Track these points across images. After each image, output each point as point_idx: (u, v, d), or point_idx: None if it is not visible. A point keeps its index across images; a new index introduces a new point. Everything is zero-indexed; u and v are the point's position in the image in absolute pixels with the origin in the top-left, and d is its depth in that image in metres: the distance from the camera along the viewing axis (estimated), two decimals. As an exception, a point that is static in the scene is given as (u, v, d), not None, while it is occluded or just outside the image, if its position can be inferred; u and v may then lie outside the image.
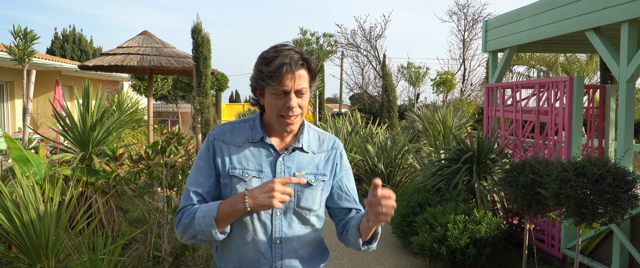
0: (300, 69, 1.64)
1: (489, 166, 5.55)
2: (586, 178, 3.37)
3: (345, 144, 9.18)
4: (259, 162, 1.72)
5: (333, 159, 1.85)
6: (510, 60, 6.42)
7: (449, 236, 4.75)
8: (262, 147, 1.74)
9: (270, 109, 1.68)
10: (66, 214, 3.60)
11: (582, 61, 15.06)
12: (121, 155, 4.37)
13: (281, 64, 1.60)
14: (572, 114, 4.84)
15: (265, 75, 1.62)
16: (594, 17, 4.54)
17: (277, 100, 1.64)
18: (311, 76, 1.71)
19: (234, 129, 1.77)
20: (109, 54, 7.55)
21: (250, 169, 1.71)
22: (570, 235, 4.87)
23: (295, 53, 1.65)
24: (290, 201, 1.73)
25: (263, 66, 1.63)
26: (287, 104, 1.64)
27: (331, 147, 1.86)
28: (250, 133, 1.76)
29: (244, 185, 1.69)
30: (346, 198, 1.88)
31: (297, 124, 1.71)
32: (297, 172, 1.75)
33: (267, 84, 1.62)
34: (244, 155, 1.73)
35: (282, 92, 1.63)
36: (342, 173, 1.88)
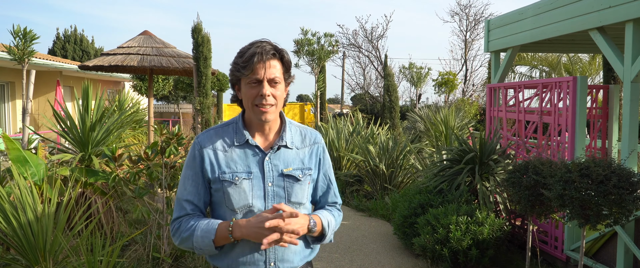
0: (272, 59, 1.74)
1: (492, 167, 5.50)
2: (590, 180, 3.32)
3: (347, 145, 9.14)
4: (247, 163, 1.78)
5: (317, 153, 1.93)
6: (512, 60, 6.37)
7: (451, 237, 4.70)
8: (247, 148, 1.80)
9: (246, 100, 1.76)
10: (64, 215, 3.57)
11: (585, 61, 14.99)
12: (120, 155, 4.33)
13: (253, 54, 1.70)
14: (575, 115, 4.79)
15: (239, 66, 1.73)
16: (597, 17, 4.49)
17: (251, 89, 1.73)
18: (285, 68, 1.79)
19: (218, 134, 1.83)
20: (109, 54, 7.52)
21: (239, 172, 1.77)
22: (574, 237, 4.82)
23: (268, 44, 1.75)
24: (281, 198, 1.80)
25: (238, 58, 1.75)
26: (260, 92, 1.72)
27: (314, 142, 1.94)
28: (235, 136, 1.82)
29: (235, 188, 1.75)
30: (327, 192, 1.99)
31: (272, 114, 1.77)
32: (284, 169, 1.81)
33: (242, 74, 1.73)
34: (231, 159, 1.78)
35: (255, 81, 1.72)
36: (325, 167, 1.97)
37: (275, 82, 1.75)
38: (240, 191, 1.76)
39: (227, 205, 1.77)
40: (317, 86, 13.73)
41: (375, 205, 7.36)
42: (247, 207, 1.77)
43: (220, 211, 1.81)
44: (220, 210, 1.81)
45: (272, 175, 1.80)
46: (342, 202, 2.05)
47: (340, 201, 2.06)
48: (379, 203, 7.37)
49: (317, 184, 1.97)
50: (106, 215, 5.21)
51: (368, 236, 6.19)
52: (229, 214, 1.78)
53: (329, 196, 2.00)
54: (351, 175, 8.62)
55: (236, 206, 1.76)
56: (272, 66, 1.73)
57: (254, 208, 1.77)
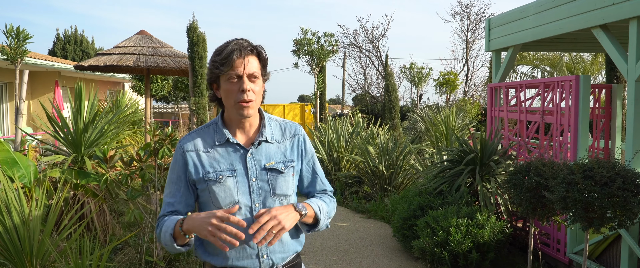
0: (250, 55, 1.78)
1: (493, 168, 5.39)
2: (594, 181, 3.22)
3: (346, 146, 9.03)
4: (230, 161, 1.83)
5: (298, 145, 1.96)
6: (514, 59, 6.26)
7: (451, 240, 4.60)
8: (229, 147, 1.84)
9: (227, 97, 1.79)
10: (52, 218, 3.47)
11: (587, 61, 14.86)
12: (112, 157, 4.24)
13: (232, 51, 1.74)
14: (578, 114, 4.69)
15: (218, 63, 1.76)
16: (601, 14, 4.38)
17: (231, 85, 1.76)
18: (262, 64, 1.84)
19: (199, 136, 1.87)
20: (105, 54, 7.42)
21: (222, 170, 1.81)
22: (577, 239, 4.71)
23: (244, 41, 1.80)
24: (266, 192, 1.84)
25: (216, 56, 1.78)
26: (241, 87, 1.75)
27: (294, 134, 1.96)
28: (216, 136, 1.86)
29: (220, 186, 1.79)
30: (313, 182, 2.03)
31: (253, 109, 1.81)
32: (267, 163, 1.85)
33: (221, 71, 1.76)
34: (214, 159, 1.83)
35: (235, 77, 1.76)
36: (308, 157, 2.00)
37: (254, 77, 1.79)
38: (226, 188, 1.80)
39: (214, 203, 1.81)
40: (316, 86, 13.61)
41: (375, 207, 7.26)
42: (233, 203, 1.80)
43: (207, 210, 1.83)
44: (207, 208, 1.84)
45: (255, 170, 1.84)
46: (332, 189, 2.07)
47: (330, 188, 2.08)
48: (379, 205, 7.26)
49: (302, 175, 2.00)
50: (99, 217, 5.12)
51: (367, 238, 6.08)
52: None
53: (317, 185, 2.04)
54: (350, 176, 8.51)
55: (222, 203, 1.80)
56: (250, 62, 1.77)
57: (240, 204, 1.80)
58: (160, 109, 29.03)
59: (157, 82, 16.23)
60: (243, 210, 1.81)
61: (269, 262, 1.86)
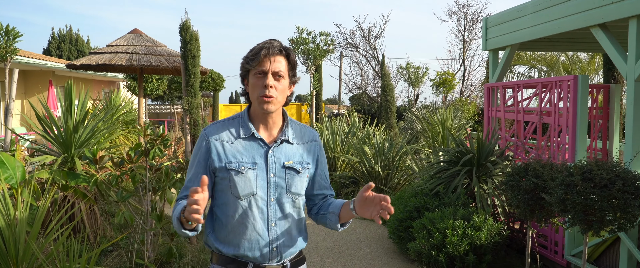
0: (278, 55, 1.89)
1: (490, 169, 5.32)
2: (594, 183, 3.15)
3: (342, 146, 8.96)
4: (252, 154, 1.91)
5: (314, 150, 2.07)
6: (511, 59, 6.19)
7: (447, 242, 4.52)
8: (252, 141, 1.94)
9: (253, 91, 1.90)
10: (39, 220, 3.38)
11: (584, 61, 14.82)
12: (101, 157, 4.14)
13: (260, 48, 1.87)
14: (576, 115, 4.62)
15: (248, 59, 1.89)
16: (600, 13, 4.32)
17: (257, 80, 1.88)
18: (290, 65, 1.95)
19: (225, 126, 1.96)
20: (97, 53, 7.31)
21: (245, 162, 1.90)
22: (575, 242, 4.64)
23: (276, 42, 1.92)
24: (282, 188, 1.94)
25: (248, 53, 1.92)
26: (264, 82, 1.86)
27: (312, 139, 2.08)
28: (241, 129, 1.95)
29: (241, 176, 1.88)
30: (324, 185, 2.13)
31: (274, 106, 1.89)
32: (286, 161, 1.95)
33: (250, 66, 1.88)
34: (237, 150, 1.91)
35: (260, 72, 1.87)
36: (322, 163, 2.12)
37: (279, 76, 1.89)
38: (246, 180, 1.88)
39: (233, 192, 1.89)
40: (312, 86, 13.53)
41: (371, 208, 7.18)
42: (251, 194, 1.90)
43: (224, 198, 1.92)
44: (224, 197, 1.92)
45: (274, 167, 1.93)
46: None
47: (334, 193, 2.21)
48: (374, 206, 7.18)
49: (315, 179, 2.10)
50: (90, 219, 5.02)
51: (362, 240, 6.01)
52: (232, 201, 1.90)
53: (327, 189, 2.15)
54: (346, 177, 8.43)
55: (241, 193, 1.88)
56: (277, 61, 1.88)
57: (257, 196, 1.90)
58: (156, 109, 28.88)
59: (152, 81, 16.10)
60: (260, 202, 1.91)
61: (278, 254, 1.96)
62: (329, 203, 2.09)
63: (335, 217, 2.02)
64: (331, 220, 2.04)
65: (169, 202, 4.24)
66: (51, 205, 4.47)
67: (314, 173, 2.09)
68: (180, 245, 4.87)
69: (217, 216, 1.97)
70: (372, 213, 1.79)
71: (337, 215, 2.01)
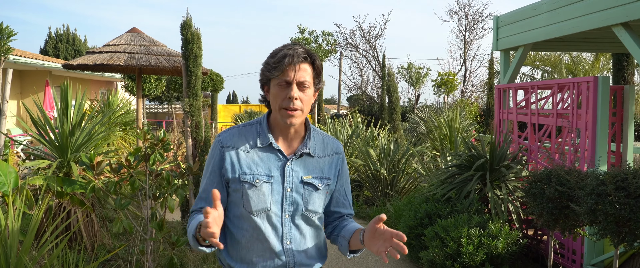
0: (303, 63, 1.72)
1: (503, 173, 5.11)
2: (628, 193, 2.94)
3: (346, 148, 8.74)
4: (268, 166, 1.76)
5: (336, 164, 1.89)
6: (524, 59, 5.99)
7: (462, 252, 4.31)
8: (270, 152, 1.78)
9: (274, 101, 1.73)
10: (32, 231, 3.15)
11: (588, 61, 14.65)
12: (99, 163, 3.92)
13: (285, 55, 1.69)
14: (596, 117, 4.42)
15: (270, 66, 1.72)
16: (623, 11, 4.11)
17: (280, 91, 1.71)
18: (315, 72, 1.77)
19: (241, 134, 1.80)
20: (95, 53, 7.08)
21: (260, 174, 1.74)
22: (595, 251, 4.43)
23: (300, 48, 1.73)
24: (298, 205, 1.78)
25: (269, 58, 1.74)
26: (288, 94, 1.69)
27: (335, 152, 1.90)
28: (258, 138, 1.79)
29: (255, 190, 1.73)
30: (343, 203, 1.96)
31: (298, 118, 1.73)
32: (304, 176, 1.79)
33: (272, 74, 1.71)
34: (252, 161, 1.76)
35: (284, 83, 1.70)
36: (343, 179, 1.94)
37: (304, 86, 1.73)
38: (260, 194, 1.74)
39: (245, 206, 1.75)
40: (314, 87, 13.29)
41: (377, 212, 6.96)
42: (265, 210, 1.75)
43: (237, 211, 1.78)
44: (236, 210, 1.79)
45: (291, 181, 1.78)
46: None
47: (353, 212, 2.03)
48: (381, 211, 6.97)
49: (334, 195, 1.94)
50: (87, 227, 4.80)
51: (370, 247, 5.79)
52: (245, 215, 1.76)
53: (345, 208, 1.97)
54: (350, 181, 8.21)
55: (254, 208, 1.74)
56: (302, 69, 1.72)
57: (271, 212, 1.75)
58: (154, 109, 28.63)
59: (150, 81, 15.86)
60: (273, 219, 1.77)
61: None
62: (344, 225, 1.93)
63: (345, 242, 1.86)
64: (342, 245, 1.90)
65: (170, 209, 4.02)
66: (46, 214, 4.25)
67: (334, 189, 1.92)
68: (181, 255, 4.65)
69: (230, 230, 1.83)
70: (379, 249, 1.60)
71: (347, 240, 1.85)
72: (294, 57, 1.69)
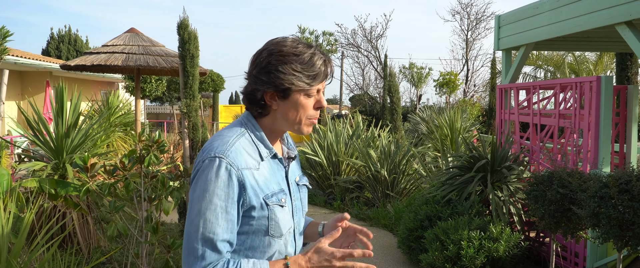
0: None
1: (505, 175, 5.04)
2: (631, 196, 2.86)
3: (346, 149, 8.67)
4: (277, 180, 1.53)
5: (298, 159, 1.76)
6: (526, 58, 5.91)
7: (463, 255, 4.24)
8: (273, 163, 1.55)
9: (298, 112, 1.50)
10: (22, 235, 3.09)
11: (592, 61, 14.55)
12: (93, 165, 3.86)
13: (323, 62, 1.50)
14: (599, 118, 4.34)
15: (310, 76, 1.47)
16: (627, 10, 4.03)
17: (308, 100, 1.50)
18: None
19: (244, 149, 1.48)
20: (92, 53, 7.03)
21: (278, 192, 1.50)
22: (598, 254, 4.35)
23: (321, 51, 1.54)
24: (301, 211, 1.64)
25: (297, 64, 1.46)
26: (320, 103, 1.53)
27: (295, 148, 1.74)
28: (260, 149, 1.52)
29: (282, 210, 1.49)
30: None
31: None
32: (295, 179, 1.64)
33: (307, 85, 1.47)
34: (265, 178, 1.49)
35: (316, 91, 1.52)
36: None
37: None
38: (286, 212, 1.52)
39: (273, 232, 1.48)
40: (315, 87, 13.22)
41: (377, 214, 6.89)
42: (291, 229, 1.55)
43: (255, 241, 1.48)
44: (253, 240, 1.48)
45: (294, 189, 1.61)
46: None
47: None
48: (381, 212, 6.90)
49: None
50: (83, 230, 4.74)
51: (370, 249, 5.72)
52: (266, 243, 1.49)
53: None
54: (351, 181, 8.15)
55: (284, 231, 1.50)
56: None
57: (291, 228, 1.55)
58: (156, 110, 28.62)
59: (151, 82, 15.82)
60: (292, 235, 1.58)
61: None
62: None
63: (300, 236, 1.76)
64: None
65: (165, 212, 3.95)
66: (40, 216, 4.19)
67: None
68: (177, 258, 4.58)
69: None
70: (343, 244, 1.57)
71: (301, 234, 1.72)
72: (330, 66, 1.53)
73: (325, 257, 1.40)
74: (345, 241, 1.57)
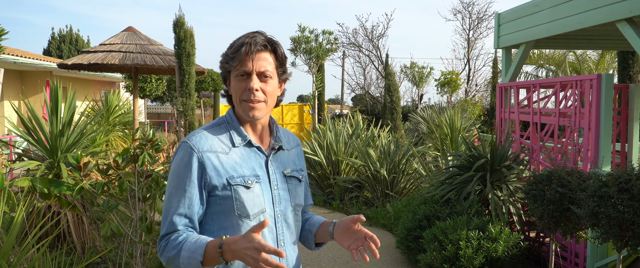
0: (263, 51, 1.62)
1: (504, 174, 4.98)
2: (631, 195, 2.80)
3: (346, 148, 8.61)
4: (251, 166, 1.65)
5: (300, 155, 1.87)
6: (526, 57, 5.85)
7: (461, 255, 4.18)
8: (249, 150, 1.67)
9: (235, 95, 1.64)
10: (12, 234, 3.05)
11: (593, 59, 14.46)
12: (86, 164, 3.81)
13: (242, 44, 1.59)
14: (600, 116, 4.27)
15: (228, 57, 1.61)
16: (627, 6, 3.97)
17: (239, 82, 1.61)
18: (278, 62, 1.67)
19: (214, 134, 1.65)
20: (90, 52, 6.99)
21: (247, 175, 1.62)
22: (599, 254, 4.29)
23: (260, 36, 1.63)
24: (287, 201, 1.71)
25: (227, 49, 1.63)
26: (248, 85, 1.60)
27: (297, 143, 1.87)
28: (233, 137, 1.66)
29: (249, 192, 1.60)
30: (307, 195, 1.89)
31: (261, 111, 1.64)
32: (284, 170, 1.73)
33: (230, 65, 1.61)
34: (235, 162, 1.62)
35: (243, 73, 1.60)
36: (305, 169, 1.89)
37: (265, 76, 1.62)
38: (254, 196, 1.61)
39: (240, 212, 1.60)
40: (314, 86, 13.18)
41: (376, 214, 6.84)
42: (261, 212, 1.63)
43: (225, 222, 1.61)
44: (224, 220, 1.62)
45: (276, 177, 1.69)
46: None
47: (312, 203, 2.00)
48: (380, 212, 6.84)
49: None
50: (77, 229, 4.70)
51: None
52: (237, 224, 1.60)
53: (308, 199, 1.92)
54: (350, 181, 8.09)
55: (251, 212, 1.61)
56: (262, 58, 1.61)
57: (266, 213, 1.64)
58: (156, 109, 28.60)
59: (151, 81, 15.79)
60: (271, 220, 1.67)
61: None
62: (307, 218, 1.90)
63: (311, 235, 1.84)
64: (307, 238, 1.87)
65: (159, 211, 3.91)
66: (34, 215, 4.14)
67: None
68: (173, 257, 4.54)
69: None
70: (351, 246, 1.62)
71: (313, 233, 1.83)
72: (252, 46, 1.58)
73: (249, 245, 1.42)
74: (354, 243, 1.61)
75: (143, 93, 15.89)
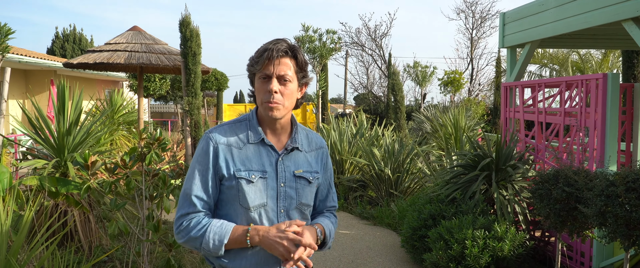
0: (284, 57, 1.76)
1: (509, 173, 4.98)
2: (638, 194, 2.80)
3: (350, 148, 8.62)
4: (261, 162, 1.79)
5: (321, 158, 1.96)
6: (531, 56, 5.84)
7: (467, 254, 4.19)
8: (262, 147, 1.81)
9: (258, 96, 1.79)
10: (22, 233, 3.07)
11: (597, 59, 14.44)
12: (93, 163, 3.83)
13: (265, 49, 1.74)
14: (606, 116, 4.27)
15: (253, 61, 1.78)
16: (634, 5, 3.97)
17: (261, 84, 1.77)
18: (298, 66, 1.80)
19: (232, 130, 1.82)
20: (95, 51, 7.01)
21: (254, 170, 1.77)
22: (605, 253, 4.30)
23: (283, 43, 1.78)
24: (292, 199, 1.82)
25: (253, 54, 1.79)
26: (268, 87, 1.74)
27: (319, 146, 1.97)
28: (249, 134, 1.81)
29: (252, 186, 1.75)
30: (328, 197, 2.02)
31: (280, 112, 1.77)
32: (296, 170, 1.83)
33: (254, 69, 1.77)
34: (246, 157, 1.78)
35: (265, 76, 1.76)
36: (328, 173, 2.00)
37: (285, 80, 1.76)
38: (256, 190, 1.76)
39: (242, 203, 1.76)
40: (318, 85, 13.19)
41: (381, 213, 6.85)
42: (262, 205, 1.77)
43: (230, 209, 1.79)
44: (229, 208, 1.79)
45: (284, 175, 1.81)
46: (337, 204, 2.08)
47: (337, 205, 2.10)
48: (385, 211, 6.85)
49: (319, 188, 1.98)
50: (84, 228, 4.72)
51: (373, 248, 5.67)
52: (240, 212, 1.77)
53: (328, 201, 2.04)
54: (354, 180, 8.10)
55: (251, 204, 1.76)
56: (282, 63, 1.75)
57: (268, 207, 1.78)
58: (160, 108, 28.65)
59: (154, 80, 15.81)
60: (270, 214, 1.80)
61: None
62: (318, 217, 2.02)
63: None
64: None
65: (166, 210, 3.92)
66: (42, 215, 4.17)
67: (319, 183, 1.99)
68: (179, 256, 4.56)
69: None
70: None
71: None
72: (274, 51, 1.73)
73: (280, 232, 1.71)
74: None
75: (147, 92, 15.92)
